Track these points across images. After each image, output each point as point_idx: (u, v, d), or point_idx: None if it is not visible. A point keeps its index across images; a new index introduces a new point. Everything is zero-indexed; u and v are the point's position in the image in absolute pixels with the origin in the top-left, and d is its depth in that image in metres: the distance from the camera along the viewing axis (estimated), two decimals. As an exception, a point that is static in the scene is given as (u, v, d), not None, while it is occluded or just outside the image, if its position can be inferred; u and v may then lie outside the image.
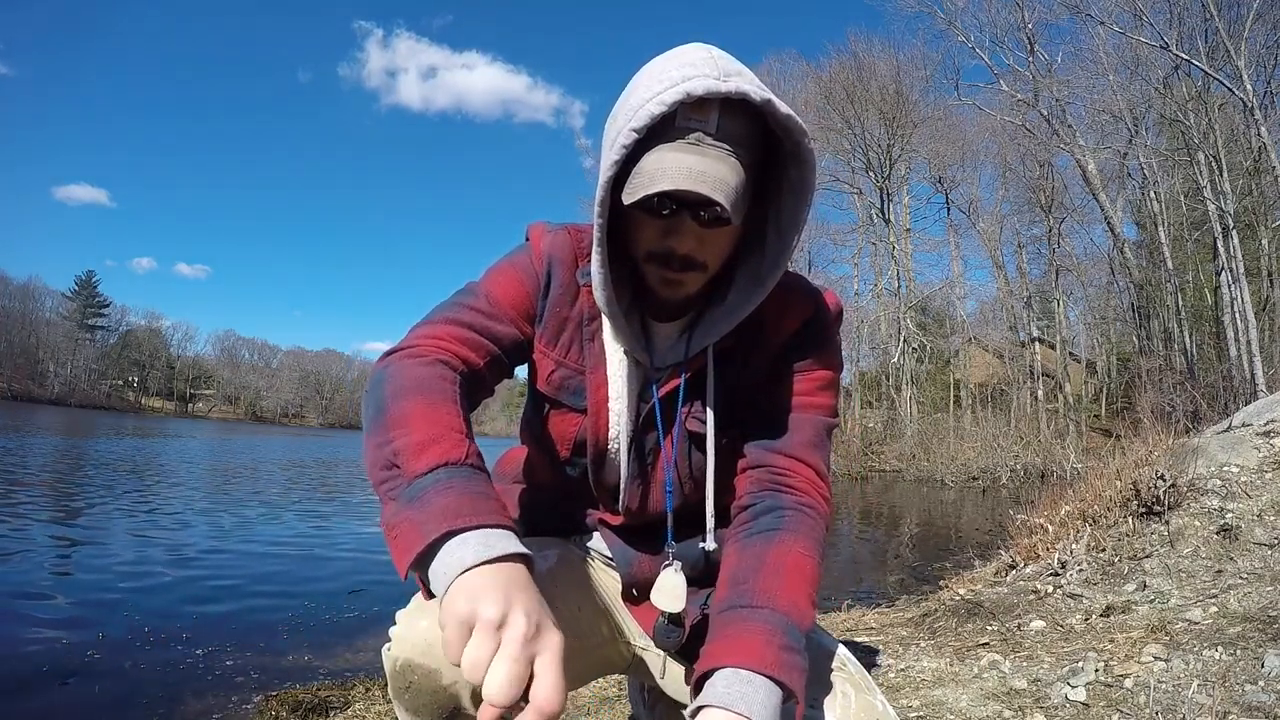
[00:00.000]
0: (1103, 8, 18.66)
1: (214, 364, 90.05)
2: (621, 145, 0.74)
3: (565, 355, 0.95)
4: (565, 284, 0.93)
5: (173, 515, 6.86)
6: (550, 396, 0.97)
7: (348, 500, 9.91)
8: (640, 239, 0.83)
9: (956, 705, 1.96)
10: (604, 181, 0.76)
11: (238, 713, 2.44)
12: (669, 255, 0.81)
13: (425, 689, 0.79)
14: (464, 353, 0.84)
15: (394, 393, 0.74)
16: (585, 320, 0.94)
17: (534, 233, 0.96)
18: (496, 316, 0.89)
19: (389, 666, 0.82)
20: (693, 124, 0.74)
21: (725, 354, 0.93)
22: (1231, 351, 17.52)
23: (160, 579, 4.32)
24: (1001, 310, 27.35)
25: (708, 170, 0.73)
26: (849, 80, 27.09)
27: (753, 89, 0.74)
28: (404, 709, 0.83)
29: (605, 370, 0.94)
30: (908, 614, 3.25)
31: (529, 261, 0.94)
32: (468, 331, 0.86)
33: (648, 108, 0.73)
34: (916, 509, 11.91)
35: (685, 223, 0.79)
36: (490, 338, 0.88)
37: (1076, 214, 25.09)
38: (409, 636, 0.80)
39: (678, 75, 0.73)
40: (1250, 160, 17.55)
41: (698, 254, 0.81)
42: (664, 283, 0.85)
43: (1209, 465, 3.73)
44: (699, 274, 0.84)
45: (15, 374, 64.61)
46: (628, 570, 1.01)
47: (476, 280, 0.94)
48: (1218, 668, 1.96)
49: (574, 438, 0.98)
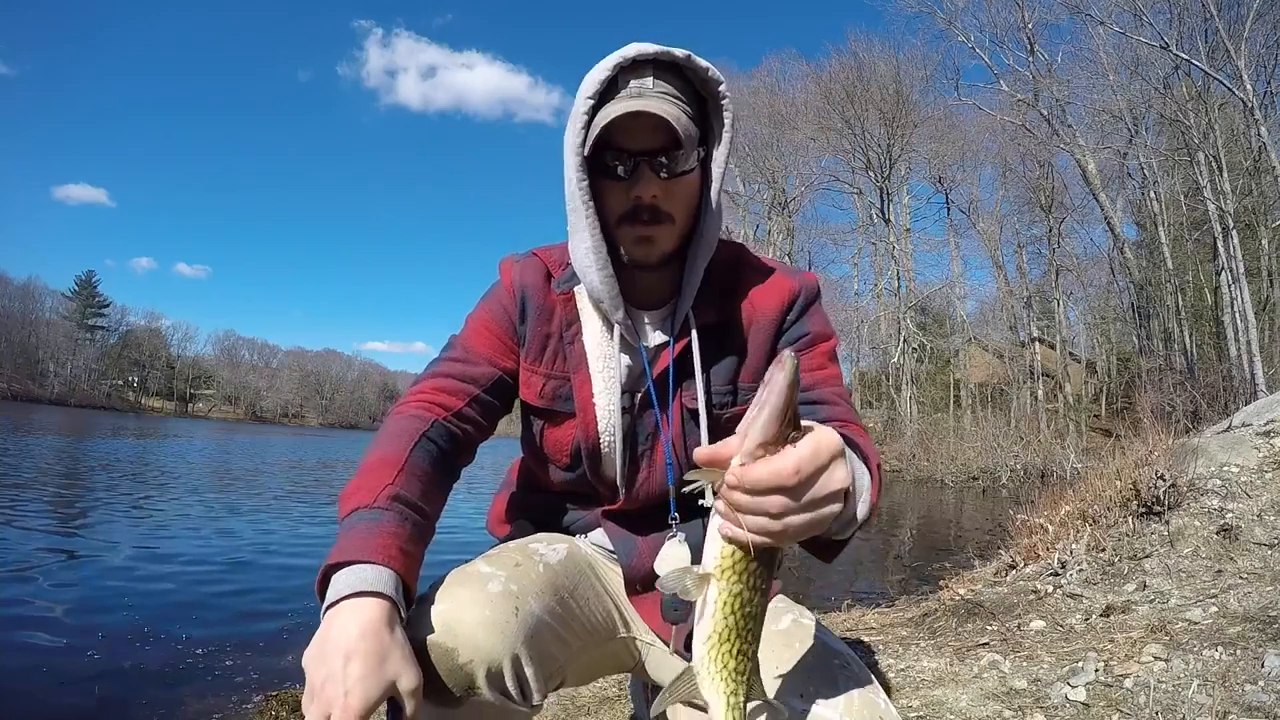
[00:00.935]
0: (1103, 8, 18.68)
1: (214, 364, 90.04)
2: (581, 114, 0.88)
3: (551, 366, 1.03)
4: (540, 303, 1.03)
5: (173, 516, 6.86)
6: (544, 409, 1.04)
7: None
8: (611, 207, 0.94)
9: (956, 705, 1.96)
10: (575, 148, 0.90)
11: (238, 713, 2.44)
12: (637, 209, 0.92)
13: (442, 667, 0.81)
14: (442, 399, 0.98)
15: (367, 449, 0.92)
16: (565, 326, 1.03)
17: (503, 268, 1.07)
18: (472, 361, 1.02)
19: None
20: (632, 83, 0.89)
21: (713, 329, 1.00)
22: (1231, 351, 17.53)
23: (160, 579, 4.31)
24: (1001, 310, 27.35)
25: (650, 105, 0.86)
26: (849, 80, 27.10)
27: (676, 50, 0.89)
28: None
29: (587, 368, 1.01)
30: (908, 614, 3.25)
31: (500, 298, 1.05)
32: (446, 380, 1.00)
33: (594, 76, 0.88)
34: (916, 509, 11.91)
35: (644, 172, 0.90)
36: (468, 380, 1.00)
37: (1076, 214, 25.12)
38: (426, 618, 0.83)
39: (616, 53, 0.89)
40: (1250, 160, 17.55)
41: (663, 203, 0.92)
42: (637, 241, 0.94)
43: (1209, 465, 3.73)
44: (668, 226, 0.93)
45: (15, 374, 64.58)
46: (628, 563, 1.04)
47: (457, 333, 1.08)
48: (1218, 668, 1.96)
49: (570, 445, 1.03)
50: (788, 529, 0.59)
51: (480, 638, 0.81)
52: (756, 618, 0.66)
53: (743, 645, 0.66)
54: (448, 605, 0.83)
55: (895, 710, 0.86)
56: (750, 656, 0.67)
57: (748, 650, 0.66)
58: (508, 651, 0.82)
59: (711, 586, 0.64)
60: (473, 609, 0.83)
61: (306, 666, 0.72)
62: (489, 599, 0.84)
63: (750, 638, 0.66)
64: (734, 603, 0.64)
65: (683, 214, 0.95)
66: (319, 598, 0.77)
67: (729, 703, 0.66)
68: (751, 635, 0.66)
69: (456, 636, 0.81)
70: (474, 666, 0.81)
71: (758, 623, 0.66)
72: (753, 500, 0.58)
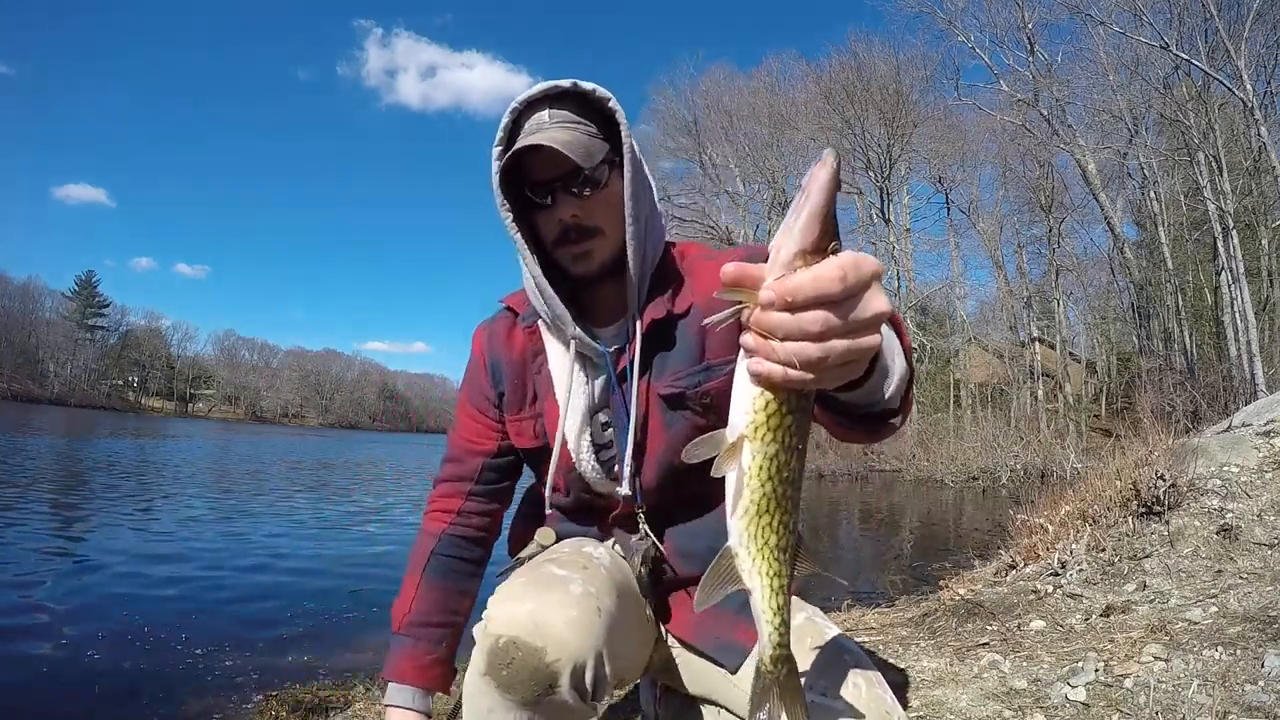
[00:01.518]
0: (1103, 8, 18.67)
1: (214, 364, 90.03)
2: (495, 159, 0.97)
3: (531, 407, 1.11)
4: (509, 359, 1.13)
5: (173, 516, 6.86)
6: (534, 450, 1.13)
7: (347, 501, 9.92)
8: (545, 234, 1.02)
9: (956, 705, 1.96)
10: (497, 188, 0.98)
11: (238, 713, 2.44)
12: (566, 230, 0.99)
13: (527, 666, 0.83)
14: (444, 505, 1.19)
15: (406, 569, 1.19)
16: (532, 358, 1.11)
17: (475, 340, 1.19)
18: (460, 459, 1.20)
19: (488, 644, 0.86)
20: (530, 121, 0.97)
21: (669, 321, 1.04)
22: (1231, 351, 17.52)
23: (160, 579, 4.32)
24: (1001, 310, 27.33)
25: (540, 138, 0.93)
26: (849, 80, 27.07)
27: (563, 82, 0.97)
28: (496, 685, 0.85)
29: (553, 394, 1.08)
30: (908, 614, 3.24)
31: (474, 376, 1.18)
32: (445, 485, 1.21)
33: (501, 124, 0.98)
34: (916, 509, 11.91)
35: (561, 196, 0.98)
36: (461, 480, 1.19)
37: (1076, 214, 25.10)
38: (515, 617, 0.85)
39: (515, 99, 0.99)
40: (1250, 160, 17.54)
41: (586, 219, 0.99)
42: (575, 259, 1.01)
43: (1209, 465, 3.73)
44: (600, 239, 1.00)
45: (15, 374, 64.57)
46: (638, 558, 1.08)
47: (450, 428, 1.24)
48: (1218, 668, 1.96)
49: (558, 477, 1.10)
50: (830, 355, 0.50)
51: (569, 637, 0.84)
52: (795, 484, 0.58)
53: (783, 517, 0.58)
54: (534, 606, 0.86)
55: (901, 708, 0.89)
56: (792, 530, 0.60)
57: (789, 522, 0.59)
58: (593, 650, 0.85)
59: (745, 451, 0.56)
60: (560, 610, 0.86)
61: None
62: (573, 600, 0.87)
63: (791, 506, 0.59)
64: (770, 466, 0.56)
65: (611, 224, 1.01)
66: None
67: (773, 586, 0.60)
68: (792, 504, 0.59)
69: (546, 636, 0.83)
70: (561, 665, 0.83)
71: (797, 489, 0.59)
72: (793, 319, 0.50)
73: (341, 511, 8.44)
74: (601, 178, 0.98)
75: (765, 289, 0.51)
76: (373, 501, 10.03)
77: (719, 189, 28.62)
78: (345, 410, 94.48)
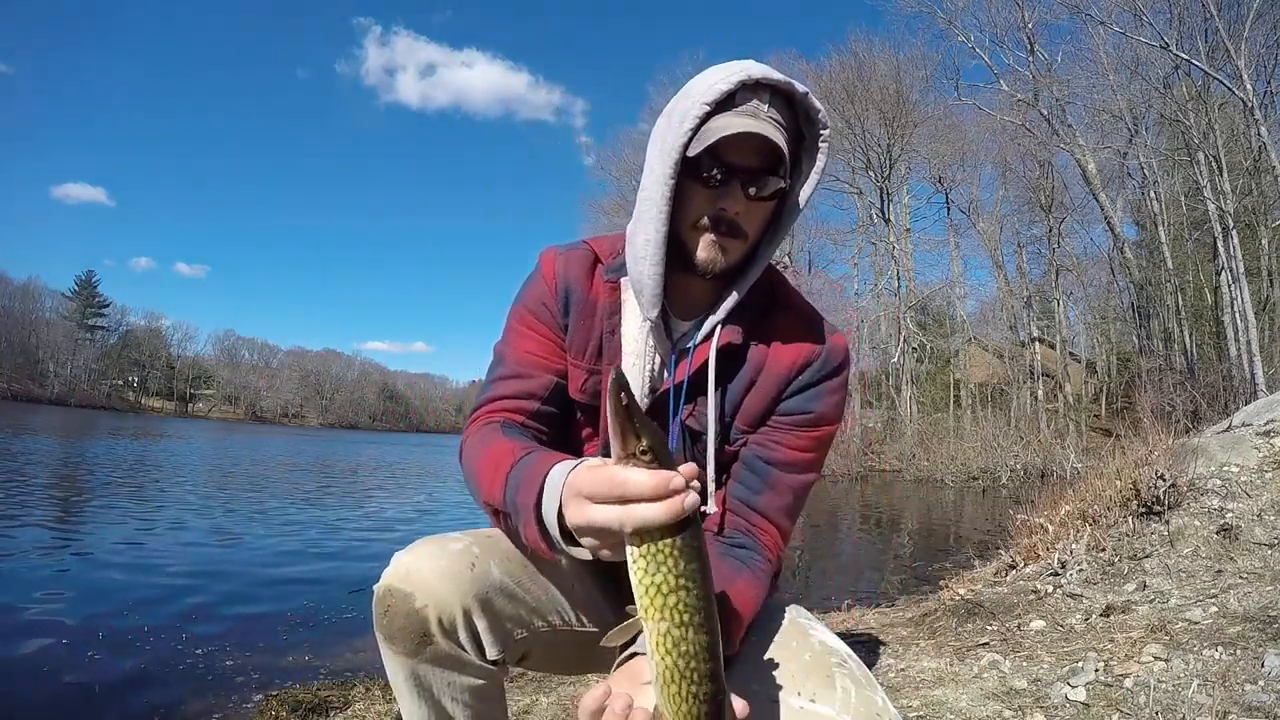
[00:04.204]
0: (1103, 8, 18.67)
1: (214, 364, 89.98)
2: (695, 115, 0.88)
3: (594, 361, 1.03)
4: (584, 296, 1.03)
5: (173, 516, 6.86)
6: (584, 403, 1.05)
7: (348, 501, 9.92)
8: (691, 208, 0.94)
9: (956, 705, 1.96)
10: (676, 146, 0.89)
11: (238, 713, 2.44)
12: (719, 218, 0.93)
13: (400, 611, 0.90)
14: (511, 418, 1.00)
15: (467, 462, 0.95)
16: (607, 315, 1.03)
17: (544, 260, 1.06)
18: (525, 374, 1.02)
19: (374, 596, 0.93)
20: (750, 101, 0.89)
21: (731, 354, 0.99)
22: (1231, 351, 17.52)
23: (160, 579, 4.32)
24: (1001, 310, 27.33)
25: (763, 129, 0.88)
26: (849, 80, 27.07)
27: (796, 82, 0.91)
28: (383, 635, 0.92)
29: (621, 362, 1.02)
30: (908, 614, 3.25)
31: (540, 294, 1.05)
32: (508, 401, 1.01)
33: (717, 86, 0.88)
34: (916, 509, 11.91)
35: (735, 188, 0.91)
36: (524, 397, 1.01)
37: (1076, 214, 25.10)
38: (394, 568, 0.93)
39: (737, 67, 0.90)
40: (1250, 160, 17.54)
41: (743, 220, 0.94)
42: (709, 245, 0.94)
43: (1209, 465, 3.73)
44: (740, 242, 0.95)
45: (15, 374, 64.56)
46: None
47: (501, 340, 1.07)
48: (1218, 668, 1.96)
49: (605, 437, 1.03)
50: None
51: (435, 584, 0.89)
52: (698, 656, 0.61)
53: (689, 688, 0.62)
54: (412, 556, 0.93)
55: (893, 707, 0.86)
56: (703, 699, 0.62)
57: (698, 693, 0.62)
58: (459, 602, 0.90)
59: (644, 630, 0.62)
60: (430, 560, 0.91)
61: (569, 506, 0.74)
62: (448, 554, 0.92)
63: (696, 679, 0.62)
64: (665, 642, 0.61)
65: (755, 235, 0.97)
66: (536, 523, 0.77)
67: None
68: (697, 676, 0.62)
69: (414, 583, 0.90)
70: (428, 611, 0.89)
71: (702, 661, 0.62)
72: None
73: (341, 511, 8.44)
74: (778, 188, 0.93)
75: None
76: (373, 501, 10.03)
77: (719, 189, 28.58)
78: (345, 410, 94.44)
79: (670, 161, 0.90)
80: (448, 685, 0.93)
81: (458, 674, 0.93)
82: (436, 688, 0.93)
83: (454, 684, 0.93)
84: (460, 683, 0.93)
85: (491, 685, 0.97)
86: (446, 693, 0.93)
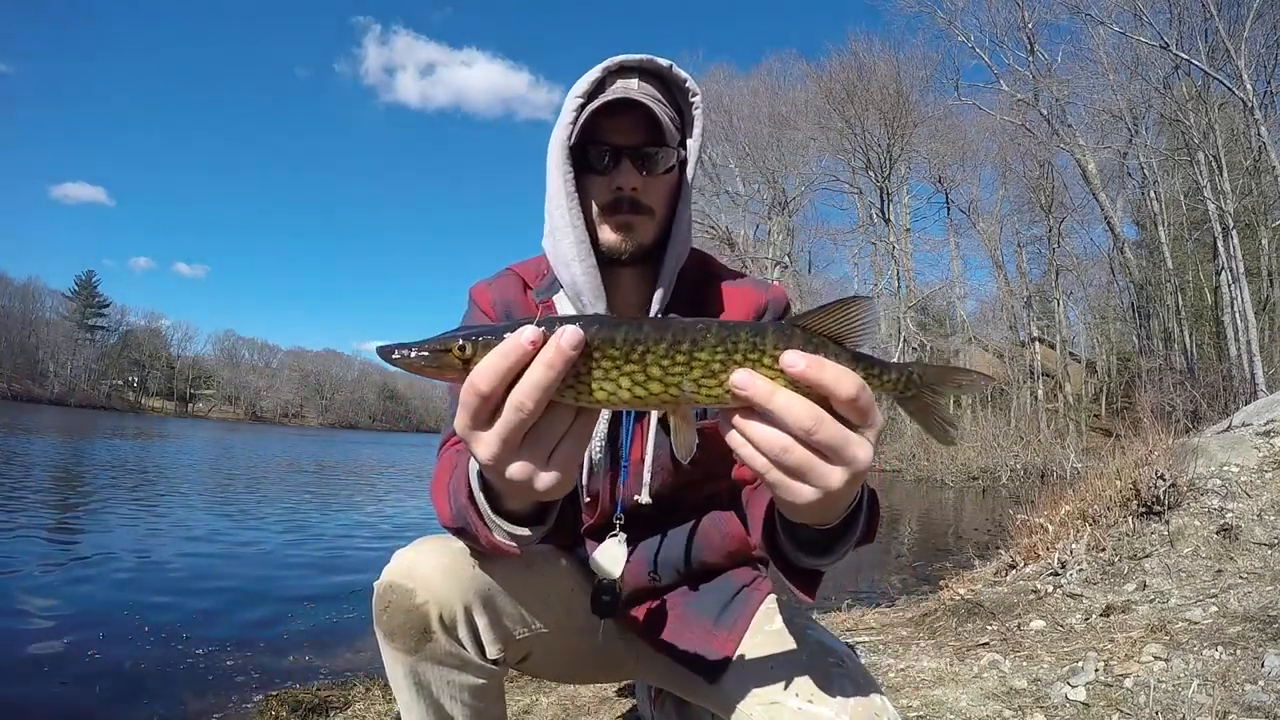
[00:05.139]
0: (1103, 8, 18.68)
1: (214, 364, 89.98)
2: (572, 110, 0.94)
3: None
4: (523, 314, 1.04)
5: (173, 516, 6.86)
6: None
7: (348, 501, 9.93)
8: (594, 198, 0.98)
9: (956, 705, 1.96)
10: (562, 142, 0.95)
11: (238, 712, 2.44)
12: (618, 200, 0.96)
13: (400, 607, 0.89)
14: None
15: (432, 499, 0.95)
16: None
17: (476, 293, 1.09)
18: None
19: (375, 593, 0.93)
20: (619, 84, 0.95)
21: None
22: (1231, 351, 17.53)
23: (160, 579, 4.31)
24: (1001, 310, 27.34)
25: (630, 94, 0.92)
26: (849, 80, 27.07)
27: (660, 59, 0.96)
28: (383, 632, 0.92)
29: None
30: (908, 614, 3.25)
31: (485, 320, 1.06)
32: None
33: (584, 78, 0.95)
34: (916, 509, 11.91)
35: (625, 165, 0.95)
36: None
37: (1076, 214, 25.11)
38: (395, 566, 0.93)
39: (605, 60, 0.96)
40: (1250, 160, 17.55)
41: (642, 196, 0.96)
42: (617, 227, 0.98)
43: (1209, 465, 3.73)
44: (647, 218, 0.98)
45: (15, 374, 64.57)
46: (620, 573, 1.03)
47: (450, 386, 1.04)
48: (1218, 668, 1.96)
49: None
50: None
51: (436, 581, 0.89)
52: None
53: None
54: (413, 553, 0.93)
55: (892, 708, 0.86)
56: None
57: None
58: (460, 599, 0.89)
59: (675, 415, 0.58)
60: (432, 557, 0.91)
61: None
62: (449, 551, 0.92)
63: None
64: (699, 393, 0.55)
65: (661, 209, 1.00)
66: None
67: None
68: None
69: (415, 579, 0.90)
70: (429, 608, 0.88)
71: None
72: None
73: (341, 512, 8.44)
74: (670, 161, 0.98)
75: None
76: (373, 502, 10.03)
77: (719, 189, 28.61)
78: (345, 410, 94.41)
79: (561, 159, 0.95)
80: (447, 684, 0.93)
81: (458, 672, 0.92)
82: (435, 686, 0.93)
83: (453, 682, 0.93)
84: (459, 681, 0.93)
85: (491, 685, 0.96)
86: (445, 691, 0.93)
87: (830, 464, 0.54)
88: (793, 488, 0.54)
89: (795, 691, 0.86)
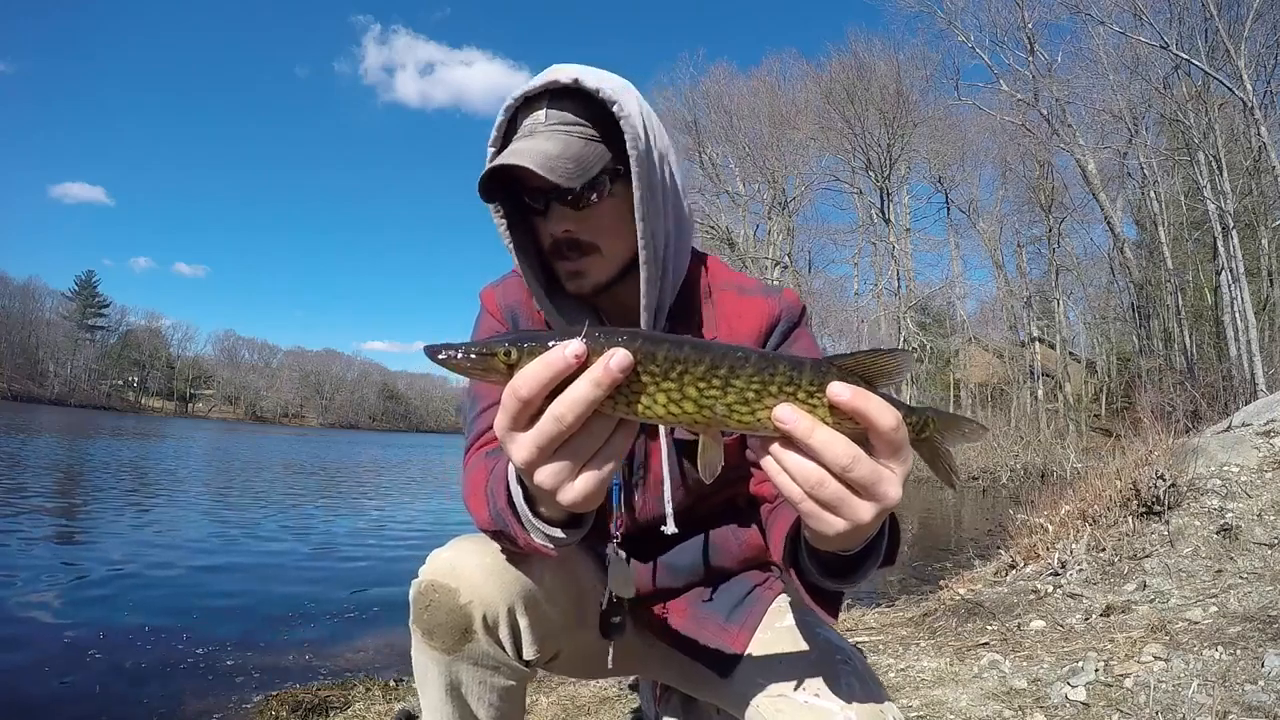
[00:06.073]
0: (1103, 8, 18.66)
1: (214, 364, 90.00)
2: (488, 160, 0.88)
3: None
4: (529, 315, 1.03)
5: (173, 517, 6.86)
6: None
7: (348, 502, 9.93)
8: (542, 243, 0.94)
9: (956, 705, 1.96)
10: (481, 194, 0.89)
11: (238, 713, 2.44)
12: (557, 244, 0.91)
13: (443, 606, 0.88)
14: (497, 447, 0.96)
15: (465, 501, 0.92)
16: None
17: (485, 298, 1.08)
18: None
19: (414, 590, 0.91)
20: (525, 122, 0.88)
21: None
22: (1231, 351, 17.52)
23: (160, 579, 4.32)
24: (1001, 310, 27.34)
25: (529, 148, 0.84)
26: (849, 80, 27.06)
27: (562, 75, 0.86)
28: (421, 630, 0.91)
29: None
30: (908, 614, 3.25)
31: (492, 328, 1.05)
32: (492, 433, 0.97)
33: (496, 121, 0.90)
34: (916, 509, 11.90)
35: (555, 208, 0.89)
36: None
37: (1076, 214, 25.11)
38: (437, 564, 0.91)
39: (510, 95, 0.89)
40: (1250, 160, 17.54)
41: (580, 234, 0.90)
42: (568, 275, 0.94)
43: (1209, 465, 3.73)
44: (596, 258, 0.92)
45: (15, 374, 64.57)
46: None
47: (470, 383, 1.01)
48: (1218, 668, 1.96)
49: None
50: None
51: (479, 581, 0.88)
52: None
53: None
54: (454, 552, 0.91)
55: (896, 707, 0.87)
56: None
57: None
58: (504, 597, 0.88)
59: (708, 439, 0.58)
60: (475, 556, 0.89)
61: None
62: (492, 551, 0.90)
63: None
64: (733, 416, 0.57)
65: (610, 241, 0.91)
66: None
67: None
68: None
69: (460, 578, 0.88)
70: (473, 608, 0.87)
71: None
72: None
73: (342, 513, 8.43)
74: (599, 190, 0.87)
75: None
76: (373, 502, 10.03)
77: (719, 189, 28.63)
78: (345, 410, 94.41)
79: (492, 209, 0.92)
80: (479, 684, 0.92)
81: (492, 674, 0.92)
82: (467, 686, 0.92)
83: (485, 683, 0.92)
84: (492, 683, 0.92)
85: (519, 688, 0.96)
86: (476, 692, 0.92)
87: (861, 499, 0.56)
88: (825, 518, 0.57)
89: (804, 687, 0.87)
